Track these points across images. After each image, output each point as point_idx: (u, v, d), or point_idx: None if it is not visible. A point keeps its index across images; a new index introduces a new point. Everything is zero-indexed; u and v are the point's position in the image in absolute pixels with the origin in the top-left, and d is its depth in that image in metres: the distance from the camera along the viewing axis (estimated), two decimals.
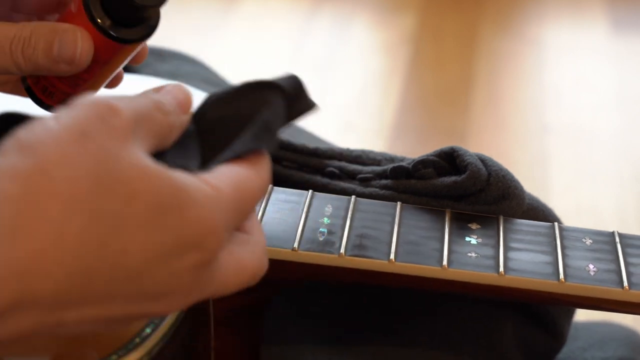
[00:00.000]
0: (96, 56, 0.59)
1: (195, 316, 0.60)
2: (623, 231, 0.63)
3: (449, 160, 0.65)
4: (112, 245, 0.44)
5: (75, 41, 0.58)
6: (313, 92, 0.55)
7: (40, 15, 0.64)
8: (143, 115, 0.48)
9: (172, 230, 0.45)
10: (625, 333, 0.78)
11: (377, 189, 0.67)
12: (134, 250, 0.44)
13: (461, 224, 0.62)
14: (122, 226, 0.44)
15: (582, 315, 0.82)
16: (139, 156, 0.45)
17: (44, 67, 0.59)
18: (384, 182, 0.67)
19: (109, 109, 0.46)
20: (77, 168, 0.43)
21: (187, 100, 0.52)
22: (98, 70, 0.61)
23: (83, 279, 0.43)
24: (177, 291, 0.47)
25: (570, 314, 0.72)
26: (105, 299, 0.45)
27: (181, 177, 0.46)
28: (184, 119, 0.51)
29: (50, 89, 0.62)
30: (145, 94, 0.50)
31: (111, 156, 0.44)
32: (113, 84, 0.65)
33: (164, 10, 0.61)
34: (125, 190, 0.44)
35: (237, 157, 0.51)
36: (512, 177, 0.64)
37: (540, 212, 0.67)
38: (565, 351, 0.74)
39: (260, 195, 0.50)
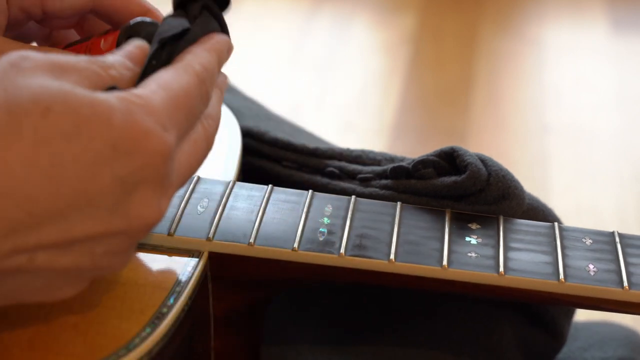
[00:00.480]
0: None
1: (196, 316, 0.60)
2: (623, 231, 0.63)
3: (449, 160, 0.65)
4: (40, 161, 0.45)
5: None
6: (313, 92, 0.56)
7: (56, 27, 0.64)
8: (70, 64, 0.48)
9: (101, 137, 0.46)
10: (625, 333, 0.78)
11: (377, 189, 0.67)
12: (65, 161, 0.45)
13: (461, 224, 0.62)
14: (43, 140, 0.45)
15: (582, 315, 0.82)
16: (55, 83, 0.46)
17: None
18: (384, 182, 0.67)
19: (20, 56, 0.47)
20: None
21: (139, 52, 0.53)
22: None
23: (26, 201, 0.44)
24: (133, 199, 0.47)
25: (570, 314, 0.72)
26: (57, 217, 0.45)
27: (102, 94, 0.47)
28: (126, 73, 0.52)
29: None
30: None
31: (19, 86, 0.45)
32: None
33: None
34: (38, 109, 0.45)
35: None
36: (512, 177, 0.64)
37: (540, 212, 0.67)
38: (565, 351, 0.74)
39: (195, 88, 0.52)
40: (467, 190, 0.63)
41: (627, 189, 1.74)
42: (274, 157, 0.72)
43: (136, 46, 0.54)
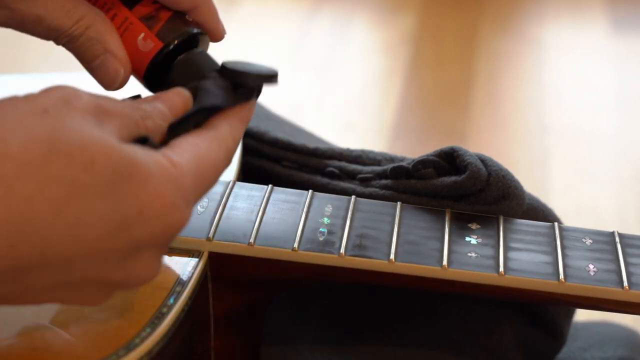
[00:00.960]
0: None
1: (196, 316, 0.60)
2: (623, 231, 0.63)
3: (449, 160, 0.65)
4: (68, 211, 0.45)
5: (117, 71, 0.60)
6: (313, 92, 0.56)
7: None
8: (115, 111, 0.49)
9: (130, 201, 0.46)
10: (625, 333, 0.78)
11: (377, 189, 0.66)
12: (91, 218, 0.45)
13: (461, 224, 0.62)
14: (78, 193, 0.45)
15: (582, 315, 0.82)
16: (98, 131, 0.46)
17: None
18: (384, 182, 0.67)
19: (74, 93, 0.47)
20: (32, 136, 0.44)
21: (180, 105, 0.54)
22: None
23: (42, 242, 0.44)
24: (137, 259, 0.48)
25: (570, 314, 0.72)
26: (65, 262, 0.46)
27: (140, 151, 0.47)
28: (162, 125, 0.52)
29: None
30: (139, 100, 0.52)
31: (68, 127, 0.45)
32: None
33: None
34: (82, 159, 0.45)
35: (197, 127, 0.53)
36: (512, 177, 0.64)
37: (540, 212, 0.67)
38: (565, 351, 0.74)
39: (223, 164, 0.52)
40: (467, 190, 0.63)
41: (627, 189, 1.74)
42: (274, 157, 0.72)
43: (179, 96, 0.54)
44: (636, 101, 1.99)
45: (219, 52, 0.63)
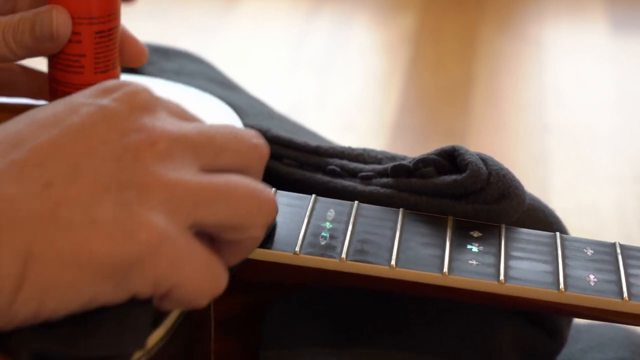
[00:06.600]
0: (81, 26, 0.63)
1: (196, 318, 0.60)
2: (623, 231, 0.63)
3: (450, 159, 0.65)
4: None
5: (51, 16, 0.63)
6: (313, 92, 0.56)
7: None
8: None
9: None
10: (626, 334, 0.78)
11: (377, 187, 0.66)
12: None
13: (463, 232, 0.62)
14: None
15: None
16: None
17: (33, 49, 0.64)
18: (384, 180, 0.67)
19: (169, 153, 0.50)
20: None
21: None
22: (89, 42, 0.64)
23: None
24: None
25: (570, 316, 0.72)
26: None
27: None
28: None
29: (60, 89, 0.65)
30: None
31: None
32: (134, 59, 0.68)
33: (163, 10, 0.61)
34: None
35: None
36: (513, 176, 0.64)
37: (540, 212, 0.67)
38: (565, 353, 0.74)
39: None
40: (467, 189, 0.63)
41: (627, 189, 1.75)
42: (275, 154, 0.72)
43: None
44: (636, 101, 1.99)
45: (219, 52, 0.63)
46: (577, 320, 0.76)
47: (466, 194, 0.64)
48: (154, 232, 0.47)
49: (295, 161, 0.70)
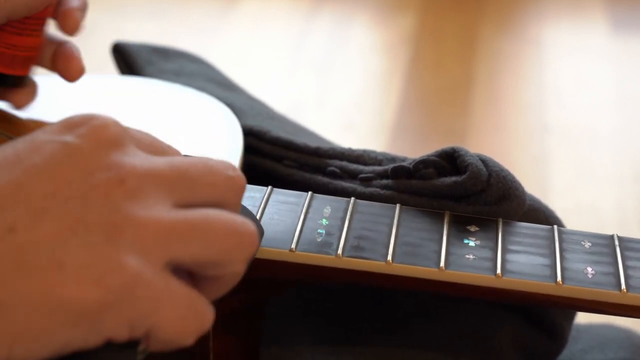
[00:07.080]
0: None
1: None
2: (623, 231, 0.63)
3: (450, 161, 0.65)
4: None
5: None
6: (313, 92, 0.56)
7: None
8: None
9: None
10: (626, 334, 0.78)
11: (377, 189, 0.66)
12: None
13: (460, 227, 0.62)
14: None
15: (582, 317, 0.81)
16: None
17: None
18: (384, 181, 0.67)
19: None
20: None
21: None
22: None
23: None
24: None
25: (571, 316, 0.72)
26: None
27: None
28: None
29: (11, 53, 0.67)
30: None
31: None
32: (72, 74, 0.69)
33: (163, 10, 0.61)
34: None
35: None
36: (513, 178, 0.64)
37: (541, 213, 0.67)
38: (566, 353, 0.74)
39: None
40: (467, 190, 0.63)
41: (627, 189, 1.75)
42: (275, 156, 0.71)
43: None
44: (636, 101, 1.99)
45: (219, 52, 0.63)
46: (578, 321, 0.75)
47: (466, 195, 0.64)
48: (126, 275, 0.45)
49: (295, 162, 0.70)
